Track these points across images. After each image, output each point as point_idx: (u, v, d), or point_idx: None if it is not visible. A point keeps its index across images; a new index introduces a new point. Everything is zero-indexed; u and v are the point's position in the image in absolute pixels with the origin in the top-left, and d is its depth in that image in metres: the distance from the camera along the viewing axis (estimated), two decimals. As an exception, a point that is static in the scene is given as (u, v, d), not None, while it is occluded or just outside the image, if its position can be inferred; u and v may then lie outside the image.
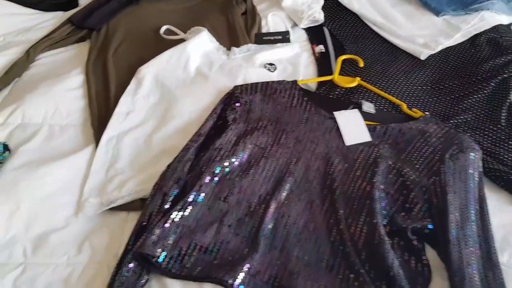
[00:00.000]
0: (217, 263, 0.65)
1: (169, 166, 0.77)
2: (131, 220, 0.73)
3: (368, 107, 0.89)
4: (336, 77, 0.96)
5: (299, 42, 1.10)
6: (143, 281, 0.64)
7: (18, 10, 1.22)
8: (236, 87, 0.91)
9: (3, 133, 0.88)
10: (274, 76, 0.98)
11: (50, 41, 1.10)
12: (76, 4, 1.25)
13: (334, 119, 0.85)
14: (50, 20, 1.20)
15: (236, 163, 0.78)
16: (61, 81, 0.97)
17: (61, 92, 0.95)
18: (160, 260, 0.65)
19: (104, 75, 1.00)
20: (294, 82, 0.92)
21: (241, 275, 0.63)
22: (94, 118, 0.91)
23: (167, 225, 0.68)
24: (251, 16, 1.17)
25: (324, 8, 1.18)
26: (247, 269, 0.64)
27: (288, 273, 0.64)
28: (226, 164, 0.77)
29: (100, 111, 0.92)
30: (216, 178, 0.75)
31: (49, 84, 0.96)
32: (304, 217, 0.72)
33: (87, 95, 0.96)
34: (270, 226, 0.70)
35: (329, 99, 0.93)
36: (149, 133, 0.87)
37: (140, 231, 0.68)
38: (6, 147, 0.82)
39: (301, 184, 0.76)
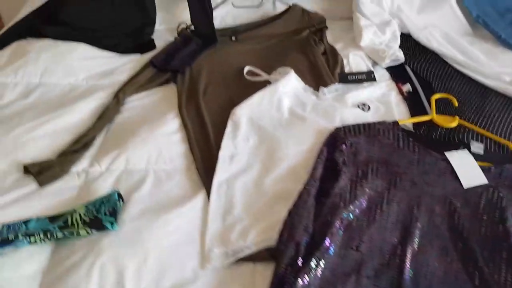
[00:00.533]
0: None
1: (291, 212, 0.76)
2: (259, 271, 0.72)
3: (477, 147, 0.88)
4: (435, 116, 0.96)
5: (384, 81, 1.11)
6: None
7: (97, 53, 1.23)
8: (338, 128, 0.91)
9: (109, 180, 0.88)
10: (369, 116, 0.99)
11: (136, 85, 1.11)
12: (153, 46, 1.28)
13: (446, 160, 0.85)
14: (129, 63, 1.22)
15: (357, 209, 0.77)
16: (159, 126, 0.97)
17: (162, 137, 0.95)
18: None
19: (199, 118, 1.00)
20: (396, 123, 0.92)
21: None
22: (198, 163, 0.90)
23: (307, 277, 0.66)
24: (332, 55, 1.18)
25: (402, 46, 1.19)
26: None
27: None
28: (350, 209, 0.76)
29: (203, 155, 0.92)
30: (343, 226, 0.74)
31: (148, 129, 0.96)
32: (442, 265, 0.70)
33: (187, 139, 0.96)
34: (410, 276, 0.68)
35: (433, 139, 0.92)
36: (258, 177, 0.86)
37: (278, 285, 0.67)
38: (119, 196, 0.82)
39: (429, 230, 0.74)
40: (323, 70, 1.13)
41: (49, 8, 1.37)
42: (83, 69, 1.18)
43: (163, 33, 1.34)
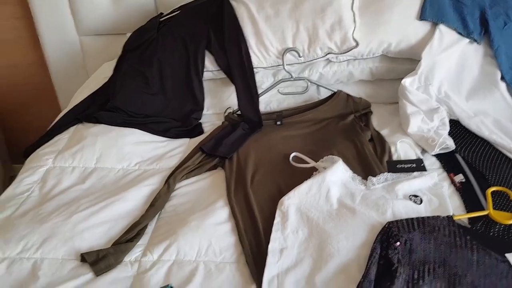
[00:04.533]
0: None
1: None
2: None
3: (539, 248, 0.89)
4: (492, 211, 0.98)
5: (434, 170, 1.15)
6: None
7: (148, 138, 1.35)
8: (391, 223, 0.95)
9: (161, 271, 0.94)
10: (422, 209, 1.02)
11: (185, 171, 1.20)
12: (201, 131, 1.39)
13: (507, 263, 0.86)
14: (178, 147, 1.33)
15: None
16: (209, 215, 1.04)
17: (211, 227, 1.01)
18: None
19: (248, 207, 1.07)
20: (450, 218, 0.95)
21: None
22: (247, 256, 0.95)
23: None
24: (379, 142, 1.24)
25: (451, 133, 1.24)
26: None
27: None
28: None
29: (252, 247, 0.97)
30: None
31: (198, 218, 1.03)
32: None
33: (236, 229, 1.02)
34: None
35: (492, 237, 0.94)
36: (309, 274, 0.90)
37: None
38: (173, 289, 0.88)
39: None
40: (370, 158, 1.18)
41: (104, 93, 1.53)
42: (135, 154, 1.29)
43: (210, 118, 1.46)
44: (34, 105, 2.18)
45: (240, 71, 1.38)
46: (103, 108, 1.44)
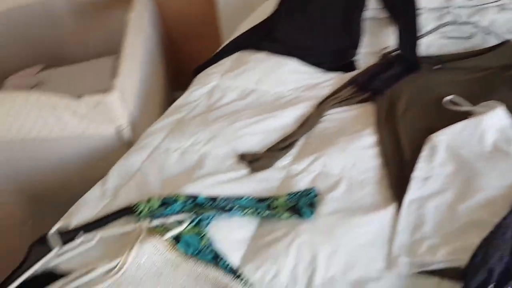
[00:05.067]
0: None
1: (486, 240, 0.81)
2: (446, 286, 0.78)
3: None
4: None
5: None
6: None
7: (304, 68, 1.46)
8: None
9: (306, 178, 1.05)
10: None
11: (336, 100, 1.28)
12: (354, 67, 1.44)
13: None
14: (331, 79, 1.40)
15: None
16: (357, 139, 1.12)
17: (358, 149, 1.09)
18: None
19: (395, 137, 1.11)
20: None
21: None
22: (391, 179, 1.01)
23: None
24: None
25: None
26: None
27: None
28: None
29: (396, 172, 1.03)
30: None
31: (346, 140, 1.12)
32: None
33: (382, 155, 1.08)
34: None
35: None
36: (452, 202, 0.93)
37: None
38: (316, 193, 0.98)
39: None
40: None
41: (265, 26, 1.67)
42: (291, 81, 1.41)
43: (366, 56, 1.50)
44: (199, 37, 2.44)
45: (403, 10, 1.39)
46: (264, 39, 1.58)
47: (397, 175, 1.02)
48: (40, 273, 0.91)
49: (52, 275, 0.89)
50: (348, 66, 1.45)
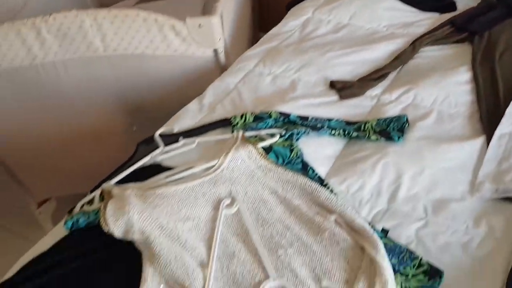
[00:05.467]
0: None
1: None
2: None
3: None
4: None
5: None
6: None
7: (400, 6, 1.46)
8: None
9: (396, 108, 1.09)
10: None
11: (432, 38, 1.28)
12: (454, 8, 1.41)
13: None
14: (427, 19, 1.39)
15: None
16: (451, 75, 1.13)
17: (451, 84, 1.11)
18: None
19: (491, 76, 1.11)
20: None
21: None
22: (483, 113, 1.02)
23: None
24: None
25: None
26: None
27: None
28: None
29: (489, 108, 1.04)
30: None
31: (439, 75, 1.13)
32: None
33: (475, 91, 1.08)
34: None
35: None
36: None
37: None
38: (407, 120, 1.02)
39: None
40: None
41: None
42: (386, 18, 1.42)
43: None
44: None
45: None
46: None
47: (489, 111, 1.03)
48: (149, 165, 1.04)
49: (159, 168, 1.02)
50: (447, 7, 1.42)
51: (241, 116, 1.10)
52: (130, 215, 0.82)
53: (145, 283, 0.77)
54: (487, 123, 1.00)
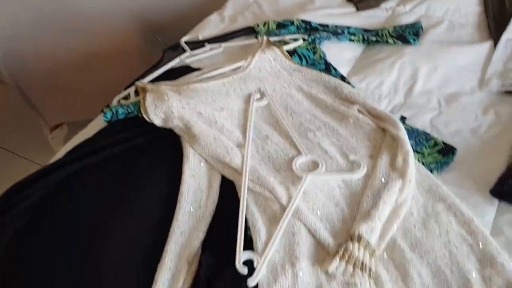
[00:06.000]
0: None
1: None
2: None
3: None
4: None
5: None
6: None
7: None
8: None
9: (410, 18, 1.15)
10: None
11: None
12: None
13: None
14: None
15: None
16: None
17: (461, -4, 1.17)
18: None
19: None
20: None
21: None
22: (490, 22, 1.09)
23: None
24: None
25: None
26: None
27: None
28: None
29: (495, 16, 1.10)
30: None
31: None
32: None
33: (483, 2, 1.15)
34: None
35: None
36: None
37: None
38: (421, 26, 1.08)
39: None
40: None
41: None
42: None
43: None
44: None
45: None
46: None
47: (496, 19, 1.09)
48: (178, 68, 1.09)
49: (189, 69, 1.07)
50: None
51: (264, 24, 1.15)
52: (169, 103, 0.88)
53: (188, 161, 0.84)
54: (494, 30, 1.07)
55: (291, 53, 1.05)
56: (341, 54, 1.06)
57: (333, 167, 0.80)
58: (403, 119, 0.90)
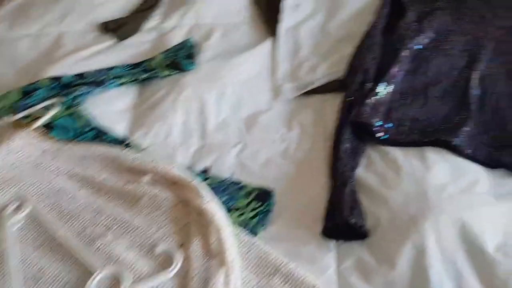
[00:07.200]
0: (432, 130, 0.69)
1: (359, 45, 0.81)
2: (329, 99, 0.79)
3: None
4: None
5: None
6: (362, 151, 0.70)
7: None
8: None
9: (180, 33, 0.95)
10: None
11: None
12: None
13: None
14: None
15: (426, 39, 0.80)
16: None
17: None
18: (376, 128, 0.70)
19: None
20: None
21: (461, 136, 0.67)
22: (263, 13, 0.95)
23: (376, 97, 0.72)
24: None
25: None
26: (466, 131, 0.67)
27: (509, 135, 0.67)
28: (418, 40, 0.80)
29: (266, 7, 0.96)
30: (411, 55, 0.78)
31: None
32: (510, 87, 0.73)
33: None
34: (477, 93, 0.72)
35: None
36: (323, 22, 0.91)
37: (349, 107, 0.74)
38: (192, 43, 0.90)
39: (496, 57, 0.77)
40: None
41: None
42: None
43: None
44: None
45: None
46: None
47: (268, 9, 0.96)
48: None
49: None
50: None
51: (3, 97, 0.85)
52: None
53: None
54: (269, 21, 0.93)
55: (49, 126, 0.79)
56: (111, 107, 0.82)
57: (142, 274, 0.59)
58: (205, 172, 0.72)
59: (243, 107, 0.80)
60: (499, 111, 0.70)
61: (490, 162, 0.64)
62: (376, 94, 0.72)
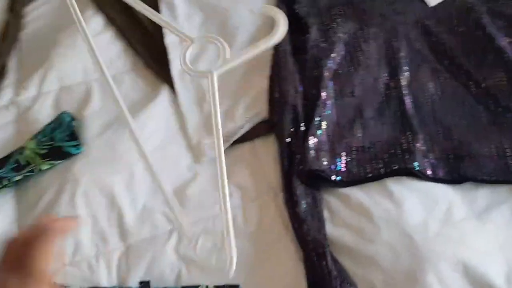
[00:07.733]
0: (386, 158, 0.62)
1: (273, 77, 0.71)
2: (260, 146, 0.67)
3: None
4: None
5: None
6: (321, 203, 0.60)
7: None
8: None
9: (46, 103, 0.73)
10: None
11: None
12: None
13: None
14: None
15: (338, 56, 0.72)
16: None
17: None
18: (327, 170, 0.60)
19: (125, 7, 0.84)
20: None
21: (418, 157, 0.60)
22: (145, 57, 0.78)
23: (315, 137, 0.63)
24: None
25: None
26: (420, 151, 0.61)
27: (457, 143, 0.63)
28: (331, 57, 0.71)
29: (145, 47, 0.79)
30: (330, 76, 0.69)
31: (69, 36, 0.79)
32: (438, 86, 0.69)
33: (120, 35, 0.81)
34: (410, 101, 0.67)
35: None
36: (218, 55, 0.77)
37: (289, 153, 0.63)
38: (71, 116, 0.69)
39: (414, 57, 0.72)
40: None
41: None
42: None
43: None
44: None
45: None
46: None
47: (148, 49, 0.79)
48: None
49: None
50: None
51: None
52: None
53: None
54: (157, 65, 0.77)
55: None
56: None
57: None
58: (144, 283, 0.56)
59: (162, 184, 0.64)
60: (437, 117, 0.65)
61: (452, 178, 0.59)
62: (316, 133, 0.62)
